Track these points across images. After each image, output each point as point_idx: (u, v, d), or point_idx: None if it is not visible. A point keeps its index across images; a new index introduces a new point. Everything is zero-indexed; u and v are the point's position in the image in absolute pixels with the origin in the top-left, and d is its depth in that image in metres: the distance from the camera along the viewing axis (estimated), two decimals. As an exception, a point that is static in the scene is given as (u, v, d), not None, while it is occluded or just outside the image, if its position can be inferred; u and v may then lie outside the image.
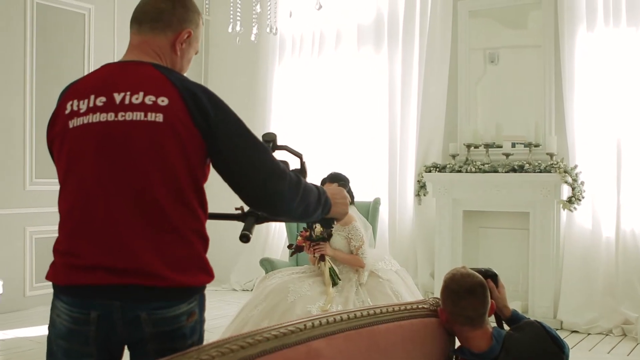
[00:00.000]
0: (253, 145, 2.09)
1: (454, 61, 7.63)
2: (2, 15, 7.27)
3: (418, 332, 2.51)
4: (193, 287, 2.05)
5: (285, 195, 2.11)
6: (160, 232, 1.97)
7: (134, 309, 1.94)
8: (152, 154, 1.98)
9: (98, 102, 2.03)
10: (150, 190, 1.97)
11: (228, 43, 8.99)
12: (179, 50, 2.20)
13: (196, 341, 2.10)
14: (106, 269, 1.94)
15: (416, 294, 5.23)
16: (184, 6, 2.19)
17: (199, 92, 2.04)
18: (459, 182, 7.23)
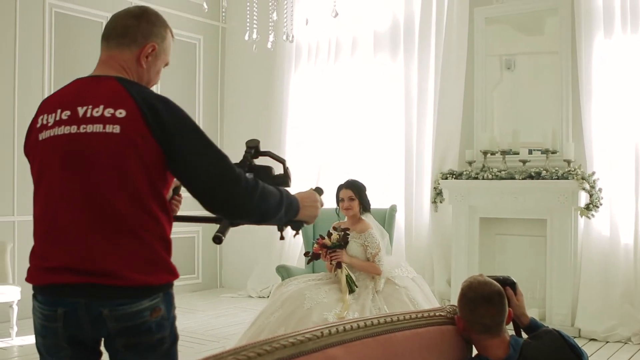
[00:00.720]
0: (209, 153, 2.19)
1: (470, 68, 7.62)
2: (22, 24, 7.34)
3: (435, 340, 2.50)
4: (155, 285, 2.16)
5: (240, 199, 2.21)
6: (121, 237, 2.11)
7: (98, 306, 2.09)
8: (111, 163, 2.12)
9: (63, 115, 2.19)
10: (110, 198, 2.11)
11: (244, 51, 9.03)
12: (145, 64, 2.32)
13: (167, 336, 2.20)
14: (71, 270, 2.10)
15: (433, 301, 5.22)
16: (149, 22, 2.33)
17: (157, 103, 2.16)
18: (476, 189, 7.21)
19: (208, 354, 5.17)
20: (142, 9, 2.37)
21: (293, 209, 2.37)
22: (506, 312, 2.54)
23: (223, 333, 6.72)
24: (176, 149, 2.14)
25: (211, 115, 9.59)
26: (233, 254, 9.63)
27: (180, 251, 8.98)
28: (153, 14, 2.37)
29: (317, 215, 2.49)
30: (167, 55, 2.42)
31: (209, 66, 9.56)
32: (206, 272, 9.51)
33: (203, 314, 7.69)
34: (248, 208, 2.24)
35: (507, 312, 2.55)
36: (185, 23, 9.17)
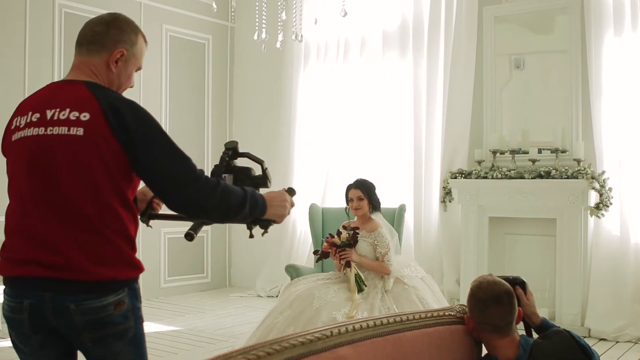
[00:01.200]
0: (170, 155, 2.29)
1: (479, 67, 7.61)
2: (32, 24, 7.37)
3: (444, 340, 2.49)
4: (119, 280, 2.29)
5: (199, 199, 2.30)
6: (85, 234, 2.23)
7: (64, 300, 2.21)
8: (74, 164, 2.24)
9: (33, 118, 2.32)
10: (73, 198, 2.24)
11: (253, 50, 9.04)
12: (114, 68, 2.43)
13: (132, 326, 2.33)
14: (38, 263, 2.22)
15: (442, 300, 5.22)
16: (118, 28, 2.45)
17: (122, 107, 2.27)
18: (485, 189, 7.20)
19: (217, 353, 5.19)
20: (113, 16, 2.50)
21: (259, 208, 2.45)
22: (516, 311, 2.54)
23: (232, 332, 6.73)
24: (138, 151, 2.25)
25: (220, 115, 9.60)
26: (242, 253, 9.64)
27: (190, 251, 9.02)
28: (123, 21, 2.49)
29: (285, 215, 2.59)
30: (139, 60, 2.53)
31: (218, 66, 9.57)
32: (215, 272, 9.53)
33: (212, 313, 7.70)
34: (208, 207, 2.33)
35: (516, 312, 2.54)
36: (194, 23, 9.18)
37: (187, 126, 9.13)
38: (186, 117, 9.13)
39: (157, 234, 8.72)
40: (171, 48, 8.92)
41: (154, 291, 8.66)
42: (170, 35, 8.90)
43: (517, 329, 2.57)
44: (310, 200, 7.96)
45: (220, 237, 9.60)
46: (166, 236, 8.83)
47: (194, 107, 9.26)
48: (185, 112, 9.12)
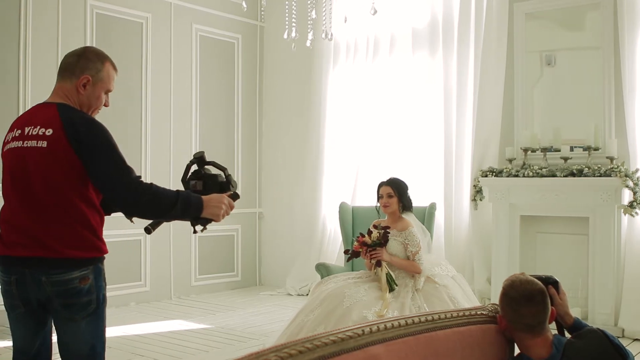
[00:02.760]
0: (112, 163, 2.84)
1: (510, 64, 7.55)
2: (64, 25, 7.46)
3: (477, 339, 2.48)
4: (84, 258, 2.87)
5: (133, 200, 2.85)
6: (54, 224, 2.83)
7: (38, 274, 2.82)
8: (40, 171, 2.85)
9: (17, 133, 2.95)
10: (41, 197, 2.84)
11: (282, 49, 9.06)
12: (82, 92, 3.00)
13: (94, 299, 2.92)
14: (21, 246, 2.84)
15: (473, 300, 5.18)
16: (85, 58, 3.03)
17: (79, 123, 2.85)
18: (516, 187, 7.14)
19: (248, 351, 5.19)
20: (84, 49, 3.12)
21: (193, 208, 2.93)
22: (548, 311, 2.51)
23: (262, 330, 6.76)
24: (87, 158, 2.82)
25: (250, 114, 9.63)
26: (272, 252, 9.67)
27: (220, 249, 9.07)
28: (91, 52, 3.09)
29: (220, 215, 3.03)
30: (106, 84, 3.08)
31: (247, 65, 9.61)
32: (245, 270, 9.57)
33: (243, 312, 7.74)
34: (140, 207, 2.88)
35: (549, 311, 2.52)
36: (224, 22, 9.23)
37: (217, 125, 9.18)
38: (216, 117, 9.17)
39: (188, 233, 8.74)
40: (201, 48, 8.97)
41: (184, 289, 8.73)
42: (200, 35, 8.95)
43: (550, 329, 2.55)
44: (340, 198, 7.98)
45: (250, 236, 9.64)
46: (197, 235, 8.87)
47: (224, 106, 9.31)
48: (216, 112, 9.17)
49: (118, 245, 7.94)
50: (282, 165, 9.62)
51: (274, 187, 9.70)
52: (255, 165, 9.72)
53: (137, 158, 8.06)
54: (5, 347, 6.00)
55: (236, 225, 9.41)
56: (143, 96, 8.25)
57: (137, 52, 8.22)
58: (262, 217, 9.77)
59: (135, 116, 8.18)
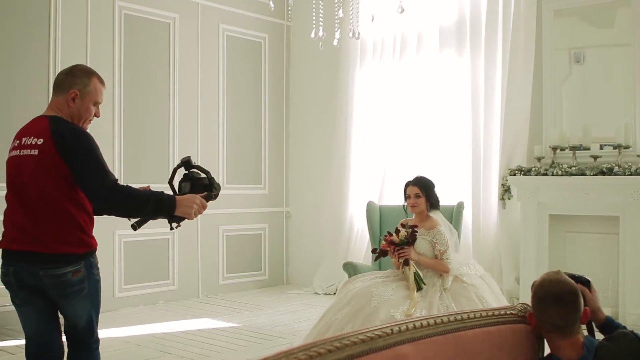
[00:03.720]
0: (91, 167, 3.20)
1: (538, 62, 7.48)
2: (93, 26, 7.53)
3: (506, 339, 2.46)
4: (75, 254, 3.26)
5: (109, 200, 3.21)
6: (46, 223, 3.22)
7: (35, 268, 3.22)
8: (32, 177, 3.25)
9: (16, 143, 3.36)
10: (34, 199, 3.24)
11: (309, 48, 9.08)
12: (72, 105, 3.38)
13: (86, 286, 3.30)
14: (20, 242, 3.25)
15: (501, 299, 5.15)
16: (73, 75, 3.40)
17: (66, 133, 3.24)
18: (545, 186, 7.08)
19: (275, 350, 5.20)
20: (73, 67, 3.47)
21: (164, 207, 3.29)
22: (579, 312, 2.46)
23: (290, 329, 6.77)
24: (72, 164, 3.20)
25: (277, 113, 9.65)
26: (299, 251, 9.68)
27: (247, 248, 9.10)
28: (79, 69, 3.45)
29: (192, 214, 3.33)
30: (94, 96, 3.42)
31: (274, 64, 9.63)
32: (272, 269, 9.59)
33: (270, 310, 7.76)
34: (114, 207, 3.27)
35: (580, 312, 2.47)
36: (250, 22, 9.26)
37: (244, 125, 9.21)
38: (244, 116, 9.21)
39: (216, 232, 8.82)
40: (228, 47, 9.00)
41: (212, 288, 8.77)
42: (227, 35, 8.99)
43: (582, 330, 2.51)
44: (367, 197, 7.97)
45: (278, 235, 9.66)
46: (224, 234, 8.92)
47: (251, 106, 9.34)
48: (243, 111, 9.20)
49: (146, 245, 8.01)
50: (310, 164, 9.62)
51: (301, 186, 9.72)
52: (283, 165, 9.74)
53: (164, 158, 8.12)
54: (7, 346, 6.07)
55: (263, 224, 9.44)
56: (171, 96, 8.30)
57: (165, 52, 8.27)
58: (289, 216, 9.79)
59: (163, 116, 8.24)
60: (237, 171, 9.10)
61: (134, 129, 7.92)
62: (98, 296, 3.44)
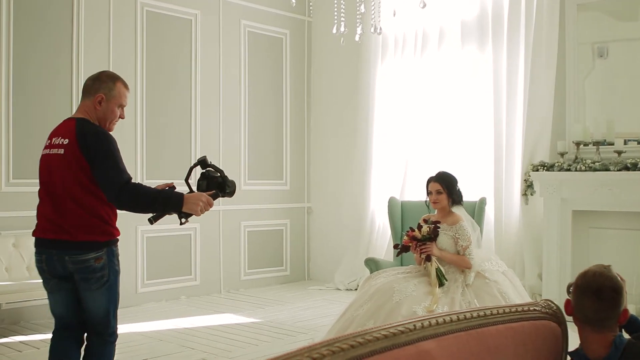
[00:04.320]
0: (108, 166, 3.53)
1: (561, 56, 7.42)
2: (115, 23, 7.57)
3: (529, 335, 2.44)
4: (97, 242, 3.59)
5: (120, 197, 3.53)
6: (72, 215, 3.57)
7: (62, 254, 3.59)
8: (59, 173, 3.61)
9: (47, 143, 3.72)
10: (61, 194, 3.60)
11: (330, 44, 9.07)
12: (98, 107, 3.71)
13: (106, 274, 3.63)
14: (49, 230, 3.63)
15: (524, 295, 5.11)
16: (99, 80, 3.74)
17: (88, 134, 3.57)
18: (568, 181, 7.02)
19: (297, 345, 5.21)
20: (99, 73, 3.81)
21: (172, 204, 3.61)
22: (618, 310, 2.39)
23: (311, 325, 6.77)
24: (93, 164, 3.53)
25: (298, 109, 9.66)
26: (321, 246, 9.69)
27: (269, 244, 9.12)
28: (105, 75, 3.80)
29: (198, 210, 3.64)
30: (119, 99, 3.76)
31: (295, 60, 9.63)
32: (294, 265, 9.61)
33: (292, 306, 7.77)
34: (125, 203, 3.56)
35: (619, 311, 2.41)
36: (272, 18, 9.26)
37: (265, 121, 9.22)
38: (265, 112, 9.22)
39: (237, 227, 8.84)
40: (249, 43, 9.02)
41: (234, 283, 8.80)
42: (248, 31, 9.00)
43: (616, 328, 2.46)
44: (389, 193, 7.95)
45: (299, 231, 9.67)
46: (246, 230, 8.95)
47: (273, 101, 9.34)
48: (264, 107, 9.21)
49: (169, 240, 8.05)
50: (331, 160, 9.62)
51: (323, 181, 9.72)
52: (304, 160, 9.75)
53: (186, 154, 8.15)
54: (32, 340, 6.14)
55: (285, 220, 9.45)
56: (192, 92, 8.33)
57: (187, 48, 8.30)
58: (310, 211, 9.80)
59: (184, 112, 8.27)
60: (258, 167, 9.12)
61: (155, 125, 7.96)
62: (116, 289, 3.72)
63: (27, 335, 6.31)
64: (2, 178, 6.79)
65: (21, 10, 6.89)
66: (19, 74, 6.88)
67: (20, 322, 6.79)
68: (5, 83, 6.79)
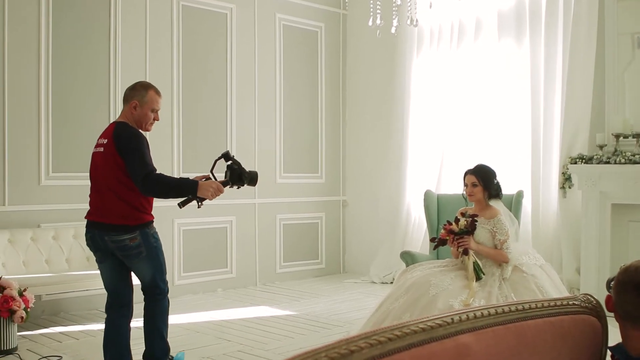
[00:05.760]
0: (135, 161, 4.22)
1: (600, 47, 7.31)
2: (152, 19, 7.63)
3: (569, 330, 2.41)
4: (130, 225, 4.31)
5: (145, 186, 4.21)
6: (110, 203, 4.31)
7: (103, 235, 4.33)
8: (100, 169, 4.35)
9: (96, 142, 4.49)
10: (102, 186, 4.35)
11: (365, 37, 9.05)
12: (134, 112, 4.43)
13: (143, 250, 4.36)
14: (94, 214, 4.40)
15: (562, 290, 5.05)
16: (134, 89, 4.47)
17: (122, 135, 4.30)
18: (607, 174, 6.92)
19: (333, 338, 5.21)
20: (135, 84, 4.54)
21: (186, 191, 4.32)
22: None
23: (347, 318, 6.78)
24: (125, 159, 4.24)
25: (333, 102, 9.65)
26: (356, 239, 9.69)
27: (304, 237, 9.14)
28: (139, 85, 4.51)
29: (209, 196, 4.31)
30: (151, 104, 4.44)
31: (330, 53, 9.63)
32: (329, 258, 9.62)
33: (327, 299, 7.79)
34: (150, 190, 4.26)
35: None
36: (306, 11, 9.26)
37: (301, 114, 9.24)
38: (300, 105, 9.23)
39: (273, 220, 8.88)
40: (285, 37, 9.03)
41: (269, 276, 8.84)
42: (283, 25, 9.01)
43: None
44: (425, 186, 7.92)
45: (334, 224, 9.68)
46: (282, 223, 8.98)
47: (308, 95, 9.35)
48: (299, 100, 9.22)
49: (205, 233, 8.11)
50: (366, 152, 9.61)
51: (358, 174, 9.71)
52: (339, 153, 9.75)
53: (222, 147, 8.19)
54: (72, 331, 6.24)
55: (320, 213, 9.47)
56: (228, 86, 8.37)
57: (222, 42, 8.34)
58: (346, 205, 9.80)
59: (220, 106, 8.32)
60: (294, 160, 9.14)
61: (192, 119, 8.02)
62: (157, 259, 4.46)
63: (67, 326, 6.41)
64: (41, 172, 6.89)
65: (60, 6, 6.98)
66: (57, 70, 6.98)
67: (60, 313, 6.90)
68: (45, 79, 6.89)
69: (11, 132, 6.70)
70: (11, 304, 5.35)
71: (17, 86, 6.75)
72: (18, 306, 5.39)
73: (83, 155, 7.08)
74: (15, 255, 6.52)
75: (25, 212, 6.79)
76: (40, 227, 6.83)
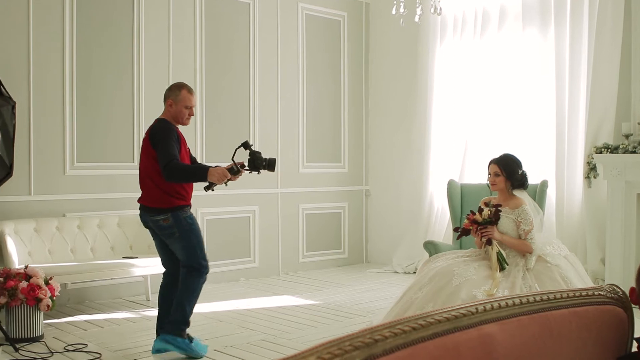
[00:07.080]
0: (161, 150, 4.79)
1: (627, 34, 7.22)
2: (174, 9, 7.65)
3: (594, 320, 2.39)
4: (162, 208, 4.92)
5: (168, 172, 4.74)
6: (148, 189, 4.98)
7: (145, 215, 5.02)
8: (142, 158, 5.03)
9: None
10: (143, 172, 5.01)
11: (388, 26, 9.02)
12: (170, 109, 5.02)
13: (175, 231, 4.93)
14: (140, 199, 5.04)
15: (587, 280, 5.02)
16: (170, 89, 5.08)
17: (155, 129, 4.93)
18: (633, 164, 6.85)
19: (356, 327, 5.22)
20: (172, 84, 5.18)
21: (198, 176, 4.84)
22: None
23: (369, 307, 6.78)
24: (155, 149, 4.85)
25: (356, 91, 9.64)
26: (378, 229, 9.68)
27: (327, 227, 9.15)
28: (174, 85, 5.12)
29: (216, 181, 4.82)
30: (184, 102, 5.01)
31: (353, 42, 9.60)
32: (352, 248, 9.63)
33: (350, 288, 7.79)
34: (169, 175, 4.75)
35: None
36: (329, 0, 9.25)
37: (323, 103, 9.23)
38: (323, 95, 9.22)
39: (296, 210, 8.89)
40: (307, 26, 9.02)
41: (292, 265, 8.86)
42: (306, 14, 9.00)
43: None
44: (448, 176, 7.89)
45: (357, 214, 9.68)
46: (304, 212, 8.99)
47: (331, 84, 9.34)
48: (322, 90, 9.22)
49: (228, 222, 8.14)
50: (389, 142, 9.58)
51: (381, 164, 9.70)
52: (362, 143, 9.74)
53: (245, 137, 8.21)
54: (97, 320, 6.27)
55: (343, 202, 9.47)
56: (251, 76, 8.38)
57: (245, 32, 8.34)
58: (369, 194, 9.79)
59: (243, 96, 8.33)
60: (316, 150, 9.15)
61: (215, 109, 8.04)
62: (191, 238, 4.97)
63: (92, 315, 6.47)
64: (66, 162, 6.95)
65: (84, -4, 7.02)
66: (81, 61, 7.02)
67: (85, 301, 6.97)
68: (69, 70, 6.94)
69: (36, 123, 6.76)
70: (37, 293, 5.41)
71: (42, 77, 6.80)
72: (44, 294, 5.45)
73: (107, 145, 7.13)
74: (41, 244, 6.58)
75: (50, 201, 6.85)
76: (66, 217, 6.89)
